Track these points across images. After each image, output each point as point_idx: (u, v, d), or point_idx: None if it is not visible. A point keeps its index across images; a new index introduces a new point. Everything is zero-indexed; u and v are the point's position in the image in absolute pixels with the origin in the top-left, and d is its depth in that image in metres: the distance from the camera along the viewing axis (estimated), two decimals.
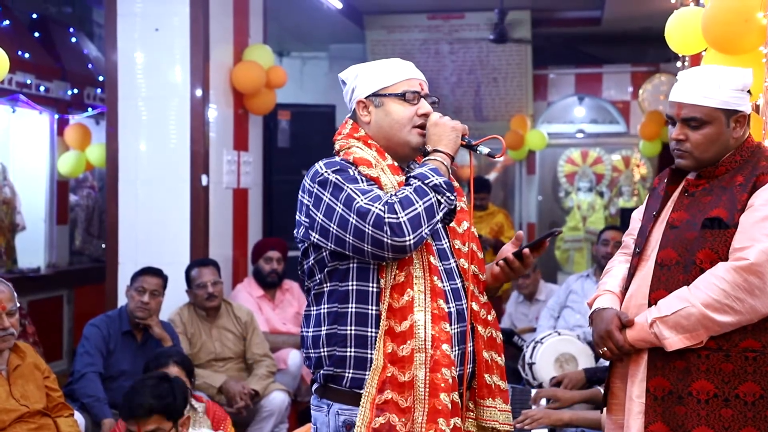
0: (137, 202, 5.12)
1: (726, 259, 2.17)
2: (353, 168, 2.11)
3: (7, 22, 6.02)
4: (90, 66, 6.95)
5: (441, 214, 2.08)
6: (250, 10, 5.78)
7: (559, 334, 4.18)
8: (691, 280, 2.19)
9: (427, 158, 2.15)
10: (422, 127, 2.19)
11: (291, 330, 5.19)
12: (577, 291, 5.09)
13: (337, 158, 2.16)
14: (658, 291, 2.24)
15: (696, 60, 3.66)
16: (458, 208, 2.22)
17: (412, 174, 2.11)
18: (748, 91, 2.30)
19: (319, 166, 2.13)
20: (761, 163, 2.24)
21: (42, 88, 6.26)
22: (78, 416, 3.65)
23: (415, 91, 2.20)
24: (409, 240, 2.01)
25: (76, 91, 6.63)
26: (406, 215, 2.01)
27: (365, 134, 2.20)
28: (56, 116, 6.53)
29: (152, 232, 5.09)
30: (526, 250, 2.19)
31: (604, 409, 2.44)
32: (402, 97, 2.18)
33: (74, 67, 6.71)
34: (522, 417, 3.20)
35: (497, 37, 7.89)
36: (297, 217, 2.19)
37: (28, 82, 6.09)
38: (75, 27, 7.06)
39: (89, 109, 6.71)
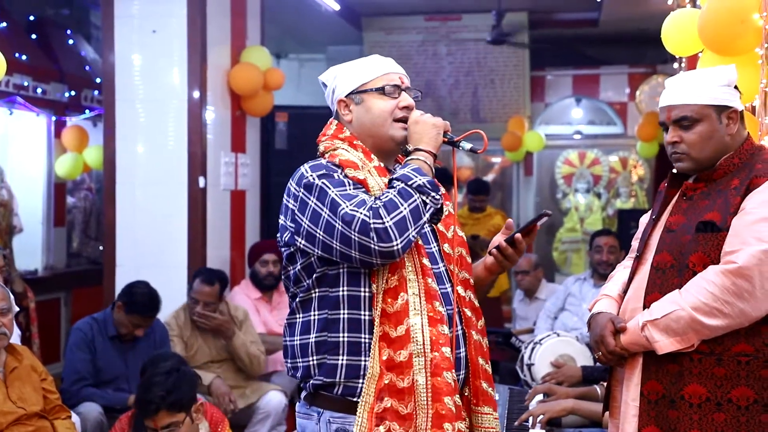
0: (135, 204, 5.11)
1: (718, 262, 2.16)
2: (339, 171, 2.06)
3: (4, 24, 6.03)
4: (87, 68, 6.95)
5: (428, 214, 2.03)
6: (247, 11, 5.77)
7: (558, 335, 4.17)
8: (685, 283, 2.19)
9: (408, 158, 2.09)
10: (405, 120, 2.14)
11: None
12: (575, 294, 5.08)
13: (322, 161, 2.10)
14: (652, 294, 2.24)
15: (693, 61, 3.67)
16: (446, 213, 2.19)
17: (394, 176, 2.05)
18: (736, 88, 2.30)
19: (305, 169, 2.08)
20: (757, 166, 2.24)
21: (39, 90, 6.26)
22: (75, 418, 3.65)
23: (394, 85, 2.15)
24: (397, 244, 1.95)
25: (73, 93, 6.63)
26: (391, 219, 1.95)
27: (350, 134, 2.15)
28: (53, 118, 6.53)
29: (150, 234, 5.09)
30: (518, 235, 2.15)
31: (606, 412, 2.44)
32: (381, 91, 2.13)
33: (71, 69, 6.71)
34: (526, 415, 3.19)
35: (495, 38, 7.91)
36: (281, 221, 2.14)
37: (26, 84, 6.09)
38: (72, 29, 7.06)
39: (86, 111, 6.71)
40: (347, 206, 1.97)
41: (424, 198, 2.01)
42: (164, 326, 4.46)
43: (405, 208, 1.98)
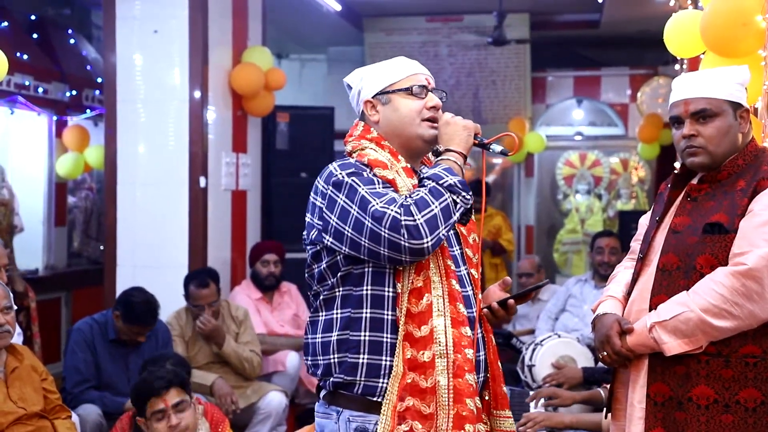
0: (135, 204, 5.11)
1: (726, 264, 2.16)
2: (368, 170, 2.07)
3: (5, 23, 6.03)
4: (88, 68, 6.95)
5: (458, 214, 2.04)
6: (248, 12, 5.78)
7: (559, 336, 4.17)
8: (692, 285, 2.18)
9: (439, 158, 2.11)
10: (432, 120, 2.16)
11: (289, 332, 5.19)
12: (576, 295, 5.08)
13: (351, 160, 2.11)
14: (659, 296, 2.23)
15: (694, 63, 3.66)
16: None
17: (425, 175, 2.06)
18: (745, 89, 2.31)
19: (333, 167, 2.09)
20: (762, 168, 2.23)
21: (40, 90, 6.26)
22: (75, 418, 3.65)
23: (421, 85, 2.16)
24: (427, 242, 1.96)
25: (74, 92, 6.63)
26: (422, 217, 1.96)
27: (377, 135, 2.17)
28: (54, 118, 6.53)
29: (150, 234, 5.09)
30: (511, 301, 2.15)
31: (609, 414, 2.44)
32: (409, 91, 2.15)
33: (73, 68, 6.71)
34: (523, 420, 3.19)
35: (496, 39, 7.90)
36: (308, 219, 2.14)
37: (27, 83, 6.09)
38: (74, 29, 7.06)
39: (88, 110, 6.71)
40: (377, 203, 1.98)
41: (454, 197, 2.03)
42: (167, 327, 4.46)
43: (436, 207, 1.99)
